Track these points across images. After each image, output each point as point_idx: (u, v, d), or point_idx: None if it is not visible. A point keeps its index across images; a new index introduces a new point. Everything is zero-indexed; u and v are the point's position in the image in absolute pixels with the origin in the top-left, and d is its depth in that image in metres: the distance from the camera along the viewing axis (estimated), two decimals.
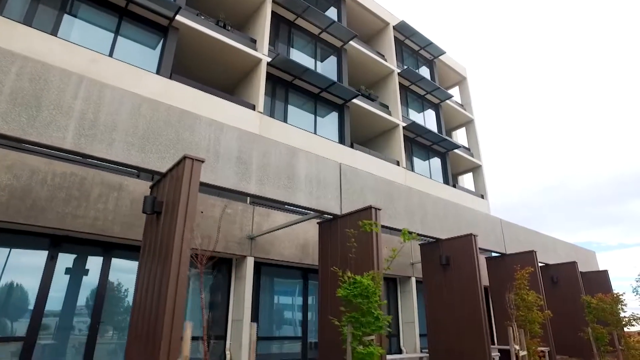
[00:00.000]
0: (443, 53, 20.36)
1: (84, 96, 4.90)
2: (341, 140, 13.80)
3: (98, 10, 9.81)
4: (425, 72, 20.09)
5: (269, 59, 12.21)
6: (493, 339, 12.07)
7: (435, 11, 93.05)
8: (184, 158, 4.65)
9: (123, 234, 7.10)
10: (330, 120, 14.15)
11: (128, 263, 7.72)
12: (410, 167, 16.49)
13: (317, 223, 7.89)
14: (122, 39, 9.96)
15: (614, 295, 10.23)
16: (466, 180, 22.51)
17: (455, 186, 17.81)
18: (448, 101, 19.56)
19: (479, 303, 8.22)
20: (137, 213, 6.91)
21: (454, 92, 22.38)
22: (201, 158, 4.82)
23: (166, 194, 5.02)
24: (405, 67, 17.54)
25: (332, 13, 15.96)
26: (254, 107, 11.31)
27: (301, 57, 14.19)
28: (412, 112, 18.19)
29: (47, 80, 4.68)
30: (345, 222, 6.95)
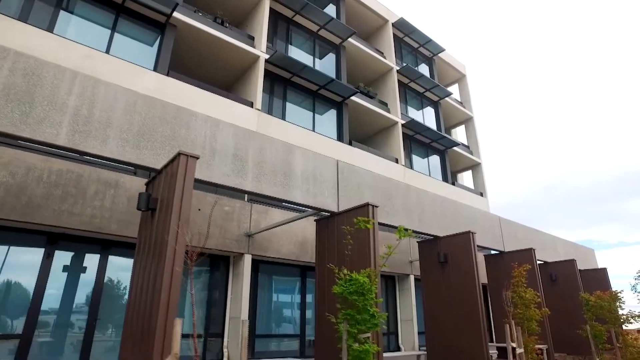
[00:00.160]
0: (442, 50, 20.28)
1: (78, 92, 4.87)
2: (340, 138, 13.75)
3: (94, 6, 9.76)
4: (424, 69, 20.03)
5: (267, 56, 12.17)
6: (491, 336, 12.07)
7: (434, 8, 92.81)
8: (179, 154, 4.63)
9: (120, 231, 7.08)
10: (328, 117, 14.10)
11: (125, 261, 7.71)
12: (409, 165, 16.45)
13: (315, 220, 7.87)
14: (119, 36, 9.92)
15: (612, 293, 10.22)
16: (466, 178, 22.47)
17: (454, 184, 17.78)
18: (447, 99, 19.50)
19: (477, 300, 8.21)
20: (134, 210, 6.89)
21: (454, 89, 22.33)
22: (196, 154, 4.79)
23: (161, 191, 4.99)
24: (405, 65, 17.48)
25: (331, 10, 15.88)
26: (252, 105, 11.27)
27: (299, 54, 14.13)
28: (411, 110, 18.13)
29: (41, 76, 4.65)
30: (342, 220, 6.92)
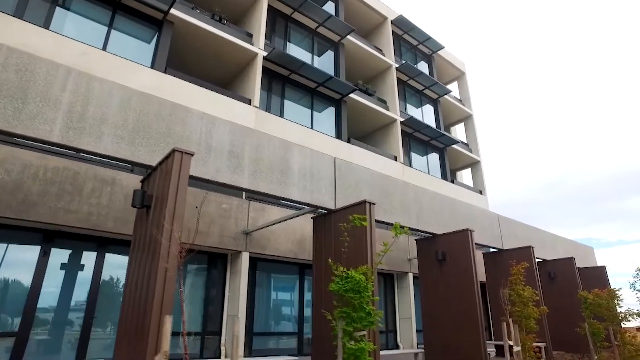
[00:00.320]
0: (442, 48, 20.22)
1: (72, 88, 4.82)
2: (338, 136, 13.70)
3: (91, 3, 9.69)
4: (423, 67, 19.97)
5: (265, 53, 12.11)
6: (490, 334, 12.06)
7: (434, 6, 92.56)
8: (173, 151, 4.59)
9: (117, 229, 7.06)
10: (327, 115, 14.05)
11: (122, 258, 7.68)
12: (408, 163, 16.41)
13: (312, 218, 7.84)
14: (115, 33, 9.86)
15: (610, 291, 10.20)
16: (465, 176, 22.44)
17: (453, 182, 17.74)
18: (447, 96, 19.45)
19: (475, 298, 8.19)
20: (131, 208, 6.81)
21: (453, 87, 22.27)
22: (191, 151, 4.75)
23: (156, 188, 4.96)
24: (404, 62, 17.42)
25: (330, 7, 15.81)
26: (250, 102, 11.22)
27: (298, 52, 14.07)
28: (410, 107, 18.08)
29: (34, 72, 4.60)
30: (339, 217, 6.88)
